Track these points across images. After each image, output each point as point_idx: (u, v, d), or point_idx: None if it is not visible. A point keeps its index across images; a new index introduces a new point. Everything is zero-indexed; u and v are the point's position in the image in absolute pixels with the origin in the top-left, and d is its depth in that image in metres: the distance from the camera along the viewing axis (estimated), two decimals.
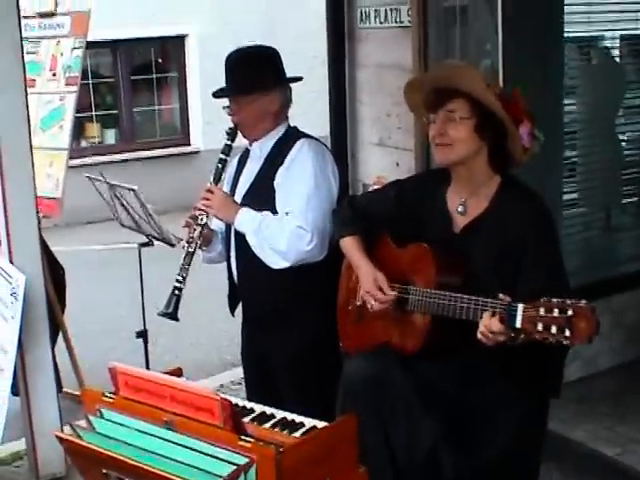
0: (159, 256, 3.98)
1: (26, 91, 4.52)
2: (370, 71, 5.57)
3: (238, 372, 5.88)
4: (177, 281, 3.82)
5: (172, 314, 3.81)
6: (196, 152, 13.49)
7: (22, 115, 4.48)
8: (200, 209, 3.85)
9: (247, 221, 3.73)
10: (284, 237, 3.64)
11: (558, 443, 4.74)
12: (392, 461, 3.09)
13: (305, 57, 11.16)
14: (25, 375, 4.61)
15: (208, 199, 3.82)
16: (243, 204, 3.82)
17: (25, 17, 5.77)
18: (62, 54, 5.76)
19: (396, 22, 5.30)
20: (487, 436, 3.07)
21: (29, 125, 4.54)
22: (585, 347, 5.47)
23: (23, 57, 4.47)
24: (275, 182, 3.76)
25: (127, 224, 5.31)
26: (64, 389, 5.53)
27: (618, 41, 7.11)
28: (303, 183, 3.70)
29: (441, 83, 3.19)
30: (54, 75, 5.79)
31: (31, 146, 4.52)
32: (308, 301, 3.81)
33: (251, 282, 3.92)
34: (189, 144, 13.82)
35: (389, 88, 5.35)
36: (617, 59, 6.86)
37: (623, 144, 6.74)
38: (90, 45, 10.50)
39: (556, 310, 2.61)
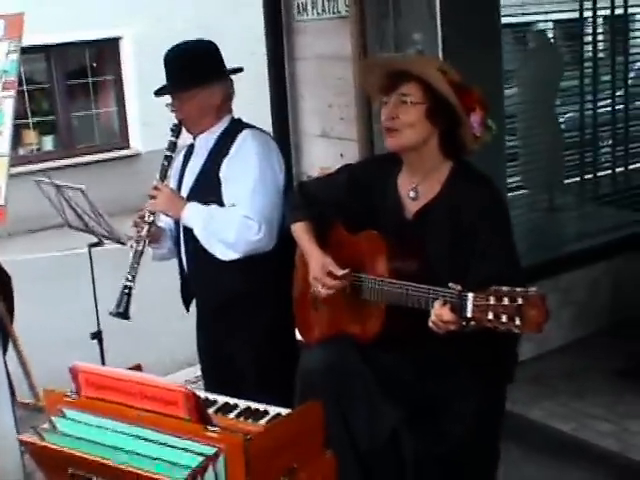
0: (112, 259, 3.96)
1: None
2: (310, 63, 5.57)
3: (192, 371, 5.87)
4: (127, 280, 3.83)
5: (123, 313, 3.81)
6: (136, 155, 13.41)
7: None
8: (147, 207, 3.85)
9: (194, 215, 3.74)
10: (232, 228, 3.65)
11: (516, 423, 4.78)
12: (353, 447, 3.09)
13: (243, 54, 11.14)
14: None
15: (154, 197, 3.82)
16: (190, 199, 3.82)
17: None
18: None
19: (333, 13, 5.30)
20: (446, 423, 3.08)
21: None
22: None
23: None
24: (220, 174, 3.77)
25: (75, 225, 5.26)
26: (17, 398, 5.46)
27: (553, 25, 7.23)
28: (248, 174, 3.71)
29: (395, 66, 3.21)
30: None
31: None
32: (261, 292, 3.81)
33: (202, 276, 3.93)
34: (129, 147, 13.75)
35: (330, 79, 5.36)
36: (553, 43, 6.96)
37: (562, 126, 6.84)
38: (23, 51, 10.36)
39: (506, 299, 2.60)
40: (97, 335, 5.01)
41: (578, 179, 6.74)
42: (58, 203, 5.21)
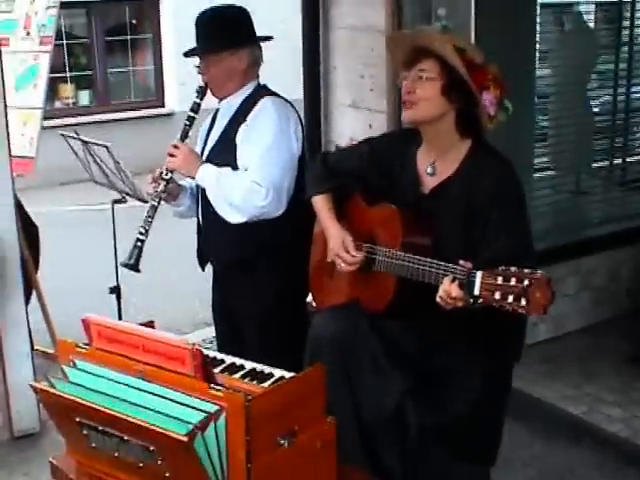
0: (136, 217, 4.02)
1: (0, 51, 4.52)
2: (344, 33, 5.57)
3: (210, 331, 5.93)
4: (140, 233, 3.90)
5: (133, 265, 3.88)
6: (170, 114, 13.41)
7: None
8: (165, 165, 3.92)
9: (207, 176, 3.80)
10: (239, 192, 3.70)
11: (526, 403, 4.84)
12: (358, 415, 3.15)
13: (279, 21, 11.15)
14: None
15: (173, 155, 3.88)
16: (208, 160, 3.88)
17: None
18: (36, 13, 5.73)
19: None
20: (451, 396, 3.13)
21: (3, 85, 4.53)
22: (554, 308, 5.60)
23: None
24: (237, 138, 3.82)
25: (100, 181, 5.33)
26: (36, 347, 5.55)
27: (592, 7, 7.17)
28: (262, 139, 3.75)
29: (416, 41, 3.24)
30: (28, 34, 5.77)
31: (5, 105, 4.52)
32: (271, 255, 3.87)
33: (214, 236, 4.00)
34: (163, 106, 13.73)
35: (362, 50, 5.36)
36: (590, 25, 6.90)
37: (594, 109, 6.80)
38: (64, 6, 10.39)
39: (513, 279, 2.64)
40: (115, 290, 5.08)
41: (607, 163, 6.71)
42: (84, 158, 5.28)
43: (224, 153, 3.84)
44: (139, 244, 3.88)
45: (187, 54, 3.98)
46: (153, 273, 3.85)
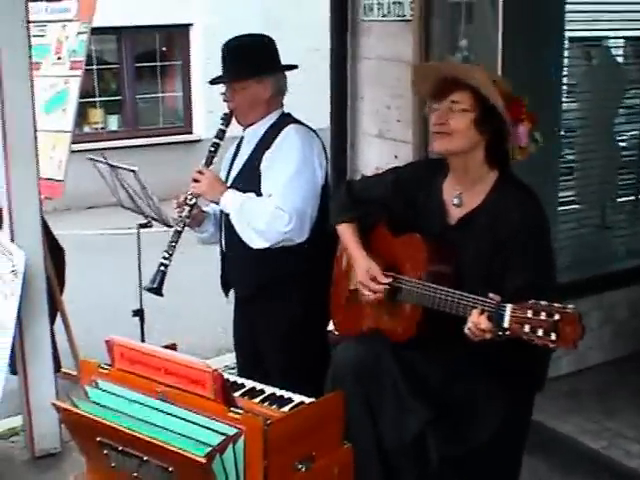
0: (162, 241, 4.07)
1: (32, 75, 4.58)
2: (371, 64, 5.62)
3: (232, 357, 5.96)
4: (163, 257, 3.93)
5: (157, 289, 3.92)
6: (198, 140, 13.52)
7: (27, 98, 4.53)
8: (190, 190, 3.95)
9: (231, 201, 3.84)
10: (263, 217, 3.73)
11: (546, 436, 4.83)
12: (378, 444, 3.15)
13: (306, 50, 11.23)
14: (23, 352, 4.68)
15: (198, 180, 3.92)
16: (232, 187, 3.92)
17: (32, 0, 5.83)
18: (67, 38, 5.81)
19: (398, 16, 5.34)
20: (472, 426, 3.14)
21: (34, 109, 4.60)
22: None
23: (29, 41, 4.54)
24: (261, 166, 3.86)
25: (127, 205, 5.39)
26: (62, 369, 5.59)
27: (620, 42, 7.18)
28: (286, 166, 3.79)
29: (448, 73, 3.26)
30: (59, 59, 5.84)
31: (35, 129, 4.59)
32: (292, 283, 3.89)
33: (236, 263, 4.04)
34: (191, 132, 13.83)
35: (389, 81, 5.41)
36: (618, 60, 6.91)
37: (621, 144, 6.80)
38: (95, 31, 10.46)
39: (543, 313, 2.66)
40: (138, 313, 5.12)
41: (632, 198, 6.71)
42: (112, 182, 5.34)
43: (248, 180, 3.89)
44: (162, 269, 3.91)
45: (213, 82, 4.04)
46: (178, 299, 3.89)
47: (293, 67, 4.04)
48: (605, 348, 5.78)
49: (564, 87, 5.78)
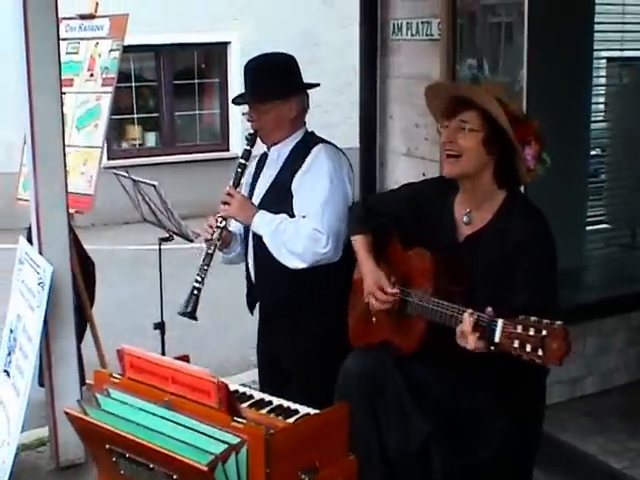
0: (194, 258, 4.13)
1: (61, 92, 4.69)
2: (400, 82, 5.67)
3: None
4: (196, 281, 3.93)
5: (191, 313, 3.92)
6: (235, 157, 13.59)
7: (57, 114, 4.64)
8: (220, 212, 3.97)
9: (264, 223, 3.85)
10: (301, 240, 3.76)
11: (568, 454, 4.83)
12: (383, 455, 3.20)
13: (344, 69, 11.30)
14: (50, 364, 4.77)
15: (228, 202, 3.94)
16: (261, 208, 3.93)
17: (66, 18, 5.96)
18: (100, 55, 5.91)
19: (427, 35, 5.40)
20: (476, 440, 3.16)
21: (63, 124, 4.71)
22: (602, 362, 5.58)
23: (59, 59, 4.65)
24: (292, 186, 3.88)
25: (149, 219, 5.47)
26: (87, 381, 5.66)
27: None
28: (320, 187, 3.82)
29: (457, 92, 3.32)
30: (92, 75, 5.95)
31: (64, 144, 4.68)
32: (322, 301, 3.92)
33: (267, 282, 4.06)
34: (228, 149, 13.96)
35: (418, 99, 5.38)
36: None
37: None
38: (134, 49, 10.67)
39: (532, 329, 2.70)
40: (159, 326, 5.18)
41: None
42: (135, 196, 5.42)
43: (278, 200, 3.91)
44: (196, 292, 3.92)
45: (237, 102, 4.06)
46: (207, 314, 3.92)
47: (315, 85, 4.05)
48: (631, 368, 5.75)
49: (593, 107, 5.78)
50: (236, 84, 13.57)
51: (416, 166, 5.55)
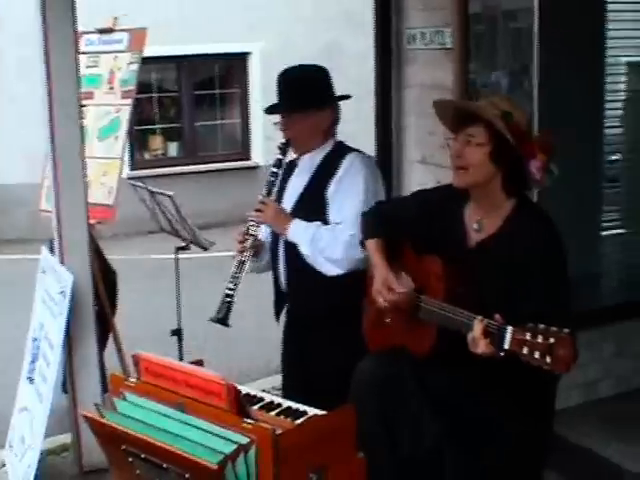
0: (217, 267, 4.20)
1: (80, 105, 4.81)
2: (415, 91, 5.74)
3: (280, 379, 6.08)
4: (228, 289, 4.02)
5: (223, 319, 4.01)
6: (256, 167, 13.73)
7: (76, 127, 4.77)
8: (253, 220, 4.05)
9: (300, 232, 3.93)
10: (338, 246, 3.85)
11: (585, 458, 4.87)
12: (393, 457, 3.26)
13: (364, 79, 11.35)
14: (72, 371, 4.87)
15: (261, 210, 4.02)
16: (293, 215, 4.00)
17: (86, 32, 6.07)
18: (119, 69, 6.00)
19: (440, 44, 5.46)
20: (487, 441, 3.21)
21: (82, 136, 4.83)
22: (618, 366, 5.61)
23: (78, 72, 4.76)
24: (327, 194, 3.95)
25: (166, 229, 5.57)
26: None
27: None
28: (356, 195, 3.90)
29: (464, 107, 3.40)
30: (111, 88, 6.04)
31: (83, 155, 4.79)
32: (349, 311, 3.89)
33: (298, 289, 4.11)
34: (249, 159, 14.06)
35: (432, 108, 5.50)
36: None
37: None
38: (155, 60, 10.78)
39: (540, 336, 2.77)
40: (177, 332, 5.27)
41: None
42: (151, 207, 5.52)
43: (312, 208, 3.98)
44: (228, 300, 4.00)
45: (270, 111, 4.12)
46: (232, 321, 4.01)
47: (347, 97, 4.12)
48: None
49: (609, 112, 5.81)
50: (256, 94, 13.69)
51: (431, 173, 5.60)
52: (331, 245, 3.85)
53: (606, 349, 5.56)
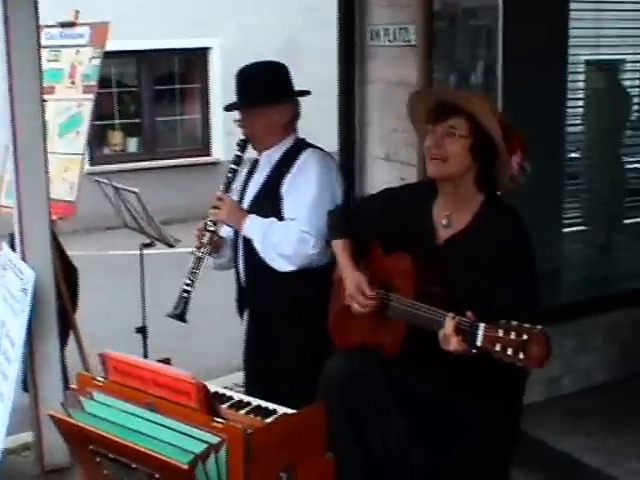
0: (181, 264, 4.17)
1: (42, 100, 4.75)
2: (378, 87, 5.73)
3: (242, 376, 6.06)
4: (186, 284, 4.01)
5: (180, 315, 3.99)
6: (216, 162, 13.68)
7: (38, 122, 4.70)
8: (210, 216, 4.04)
9: (254, 227, 3.92)
10: (290, 242, 3.83)
11: (545, 453, 4.90)
12: (363, 456, 3.26)
13: (325, 75, 11.35)
14: (33, 369, 4.82)
15: (218, 207, 4.01)
16: (250, 211, 4.00)
17: (47, 26, 6.00)
18: (81, 63, 5.94)
19: (404, 41, 5.45)
20: (457, 439, 3.22)
21: (44, 132, 4.77)
22: (580, 361, 5.67)
23: (40, 68, 4.70)
24: (281, 190, 3.94)
25: (130, 225, 5.54)
26: (71, 386, 5.68)
27: (624, 65, 7.24)
28: (308, 191, 3.89)
29: (449, 98, 3.36)
30: (73, 83, 5.98)
31: (46, 151, 4.74)
32: (311, 306, 3.92)
33: (258, 285, 4.10)
34: (210, 154, 14.03)
35: (396, 104, 5.48)
36: (622, 83, 6.99)
37: (627, 166, 6.86)
38: (115, 55, 10.68)
39: (513, 333, 2.77)
40: (142, 330, 5.24)
41: (637, 219, 6.76)
42: (116, 203, 5.48)
43: (268, 204, 3.97)
44: (185, 295, 3.99)
45: (229, 108, 4.12)
46: (192, 318, 3.99)
47: (307, 93, 4.11)
48: (609, 367, 5.85)
49: (571, 110, 5.86)
50: (217, 89, 13.65)
51: (395, 170, 5.60)
52: (282, 241, 3.85)
53: (567, 345, 5.60)
